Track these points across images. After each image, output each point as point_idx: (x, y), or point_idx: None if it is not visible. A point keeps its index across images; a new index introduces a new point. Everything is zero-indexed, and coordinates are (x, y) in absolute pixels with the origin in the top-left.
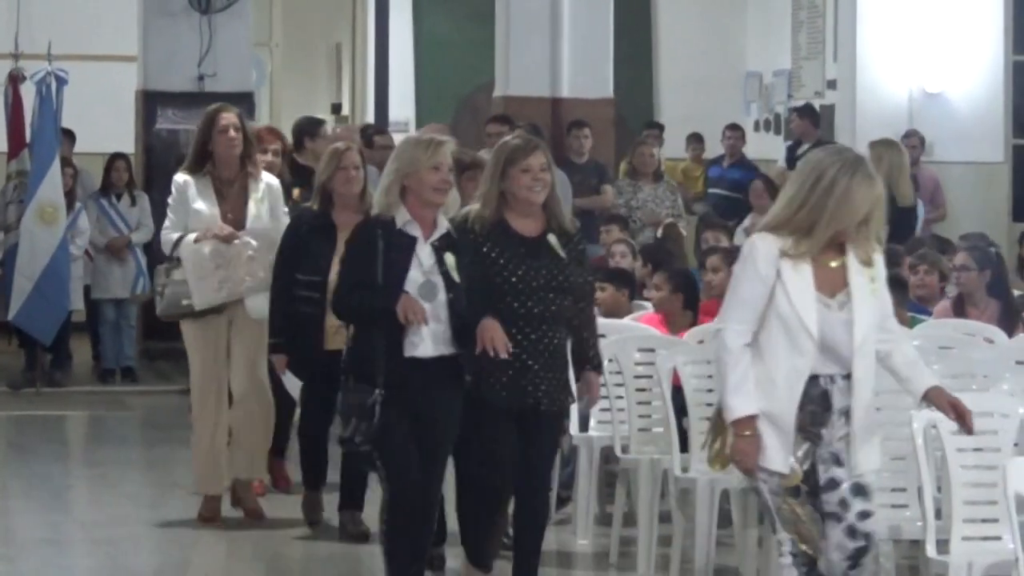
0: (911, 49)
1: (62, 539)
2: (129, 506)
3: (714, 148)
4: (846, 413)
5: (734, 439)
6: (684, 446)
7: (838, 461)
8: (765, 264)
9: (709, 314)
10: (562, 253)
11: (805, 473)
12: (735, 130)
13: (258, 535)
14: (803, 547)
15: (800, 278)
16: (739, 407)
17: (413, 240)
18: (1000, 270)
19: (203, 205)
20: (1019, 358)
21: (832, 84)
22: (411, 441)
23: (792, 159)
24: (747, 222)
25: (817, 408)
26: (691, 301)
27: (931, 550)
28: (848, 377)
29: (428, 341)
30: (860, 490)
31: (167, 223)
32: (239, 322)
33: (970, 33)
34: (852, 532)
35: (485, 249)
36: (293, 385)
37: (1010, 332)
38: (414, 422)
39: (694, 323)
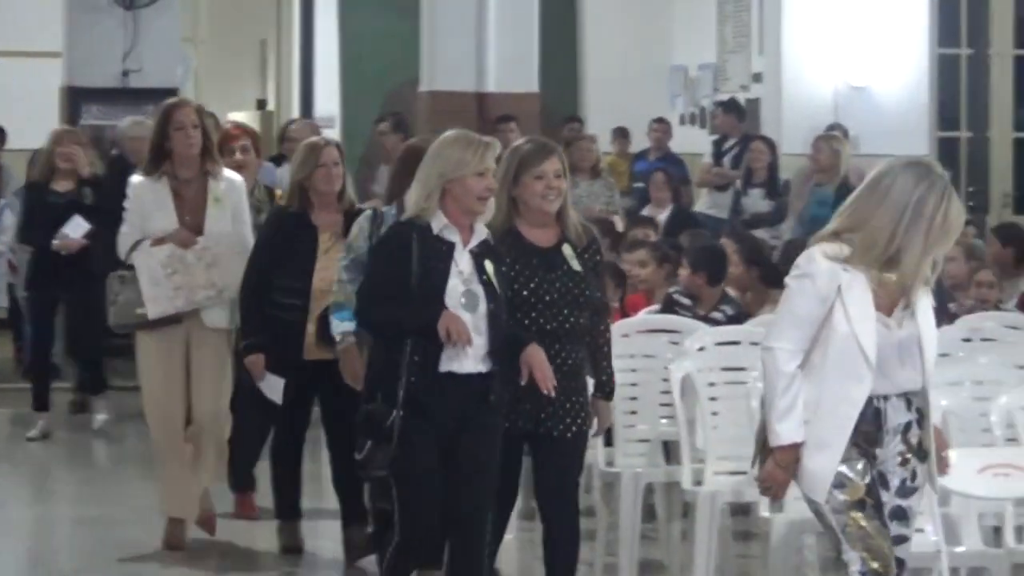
0: (837, 43)
1: None
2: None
3: (640, 142)
4: (901, 432)
5: (771, 465)
6: (608, 440)
7: (884, 482)
8: (826, 282)
9: (634, 308)
10: (577, 265)
11: (867, 486)
12: (661, 123)
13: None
14: (874, 565)
15: (861, 297)
16: (787, 434)
17: (451, 246)
18: None
19: (159, 208)
20: (943, 351)
21: (758, 78)
22: (436, 471)
23: (719, 154)
24: (646, 211)
25: (871, 427)
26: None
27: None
28: (902, 396)
29: (468, 355)
30: (900, 514)
31: (124, 228)
32: (198, 335)
33: (895, 27)
34: None
35: None
36: (274, 388)
37: (936, 325)
38: (444, 448)
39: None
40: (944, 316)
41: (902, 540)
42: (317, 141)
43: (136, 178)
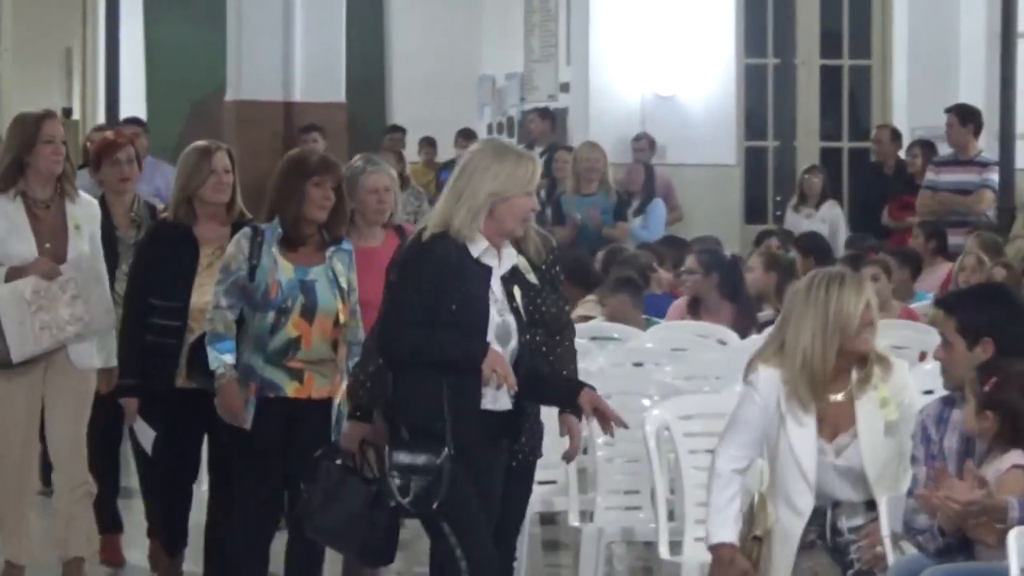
0: (644, 53)
1: None
2: None
3: (447, 151)
4: (855, 529)
5: (712, 566)
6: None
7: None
8: (766, 392)
9: None
10: (533, 278)
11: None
12: (467, 138)
13: None
14: None
15: (801, 419)
16: (715, 534)
17: (489, 272)
18: (732, 273)
19: (15, 233)
20: None
21: (565, 87)
22: (479, 505)
23: None
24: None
25: (817, 530)
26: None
27: (664, 551)
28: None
29: (504, 393)
30: None
31: None
32: (58, 375)
33: (702, 36)
34: None
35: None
36: (146, 436)
37: (744, 334)
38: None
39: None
40: (753, 325)
41: None
42: (207, 145)
43: None
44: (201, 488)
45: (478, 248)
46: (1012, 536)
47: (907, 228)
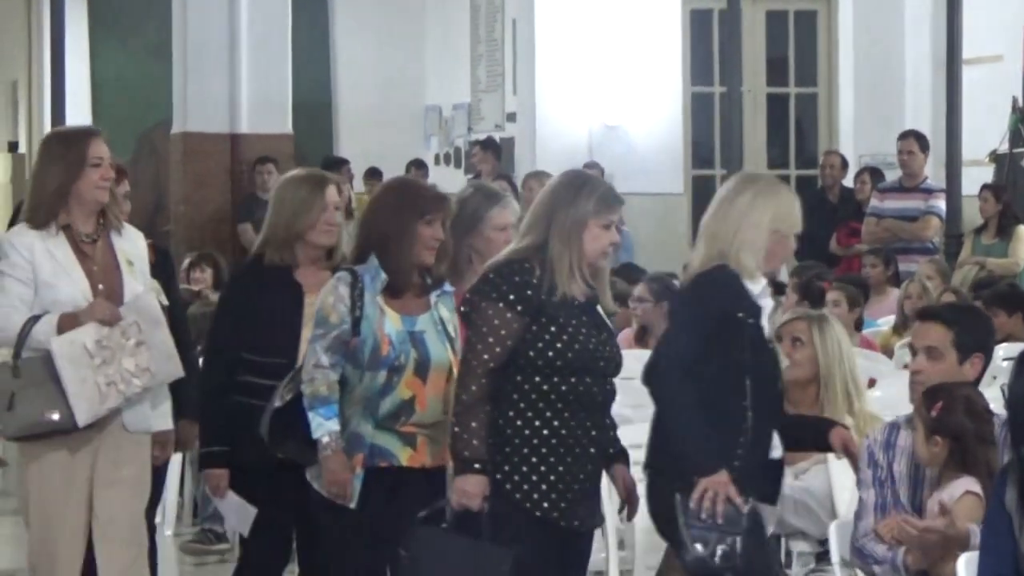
0: (590, 82)
1: None
2: None
3: None
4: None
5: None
6: None
7: None
8: None
9: None
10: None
11: None
12: (419, 169)
13: None
14: None
15: None
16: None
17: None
18: None
19: (63, 274)
20: None
21: (512, 117)
22: None
23: None
24: None
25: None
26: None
27: None
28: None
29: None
30: None
31: (3, 301)
32: (110, 442)
33: (649, 65)
34: None
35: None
36: (241, 514)
37: None
38: None
39: None
40: None
41: None
42: (319, 176)
43: (21, 232)
44: None
45: (758, 286)
46: (961, 562)
47: (855, 255)
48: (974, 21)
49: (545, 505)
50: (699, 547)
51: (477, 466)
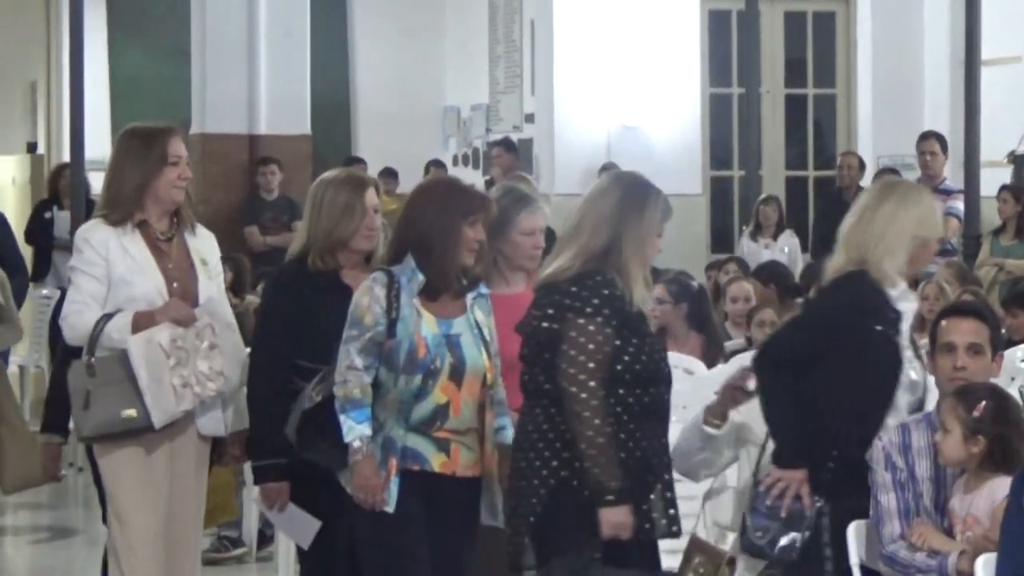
0: (609, 83)
1: None
2: None
3: (411, 183)
4: None
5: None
6: None
7: None
8: None
9: None
10: None
11: None
12: (438, 167)
13: None
14: None
15: None
16: None
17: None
18: (700, 304)
19: (139, 272)
20: (718, 389)
21: (530, 118)
22: None
23: None
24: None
25: None
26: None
27: None
28: None
29: None
30: None
31: (76, 297)
32: (179, 442)
33: (667, 66)
34: None
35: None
36: (302, 528)
37: (711, 364)
38: None
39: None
40: (720, 355)
41: None
42: (359, 177)
43: (95, 226)
44: None
45: (898, 290)
46: (979, 563)
47: None
48: (992, 22)
49: (654, 515)
50: (758, 534)
51: (622, 496)
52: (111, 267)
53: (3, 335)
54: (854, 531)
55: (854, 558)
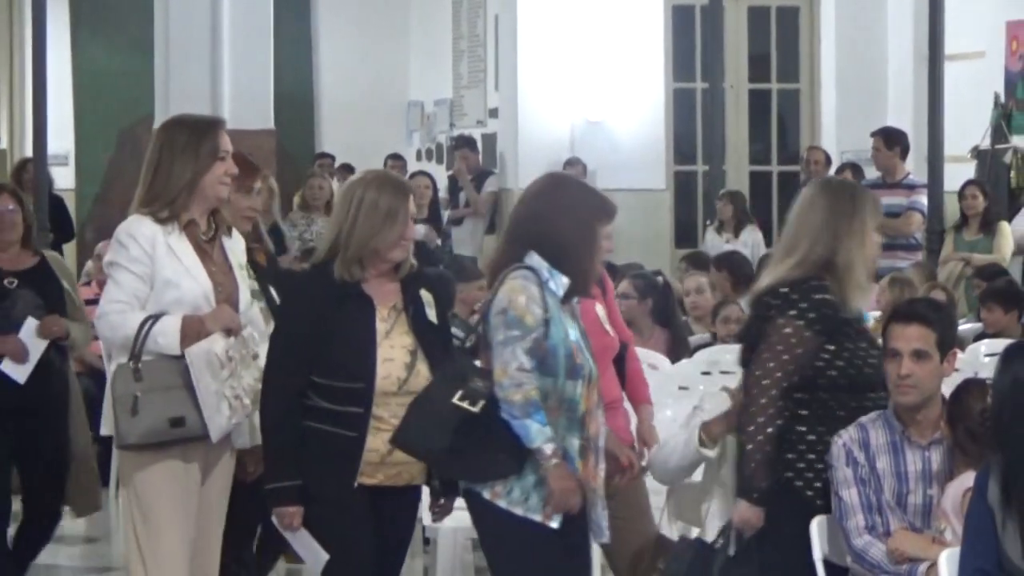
0: (573, 78)
1: None
2: None
3: None
4: None
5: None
6: None
7: None
8: None
9: None
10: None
11: None
12: (397, 160)
13: None
14: None
15: None
16: None
17: None
18: (665, 299)
19: (186, 274)
20: (682, 383)
21: (494, 113)
22: None
23: (454, 190)
24: None
25: None
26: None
27: None
28: None
29: None
30: None
31: (118, 296)
32: (215, 455)
33: (631, 61)
34: None
35: None
36: (312, 552)
37: (676, 359)
38: None
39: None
40: (685, 350)
41: None
42: (401, 183)
43: (140, 222)
44: None
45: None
46: (943, 557)
47: None
48: (956, 17)
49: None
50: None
51: (756, 495)
52: (157, 267)
53: (76, 338)
54: (816, 526)
55: (817, 553)
